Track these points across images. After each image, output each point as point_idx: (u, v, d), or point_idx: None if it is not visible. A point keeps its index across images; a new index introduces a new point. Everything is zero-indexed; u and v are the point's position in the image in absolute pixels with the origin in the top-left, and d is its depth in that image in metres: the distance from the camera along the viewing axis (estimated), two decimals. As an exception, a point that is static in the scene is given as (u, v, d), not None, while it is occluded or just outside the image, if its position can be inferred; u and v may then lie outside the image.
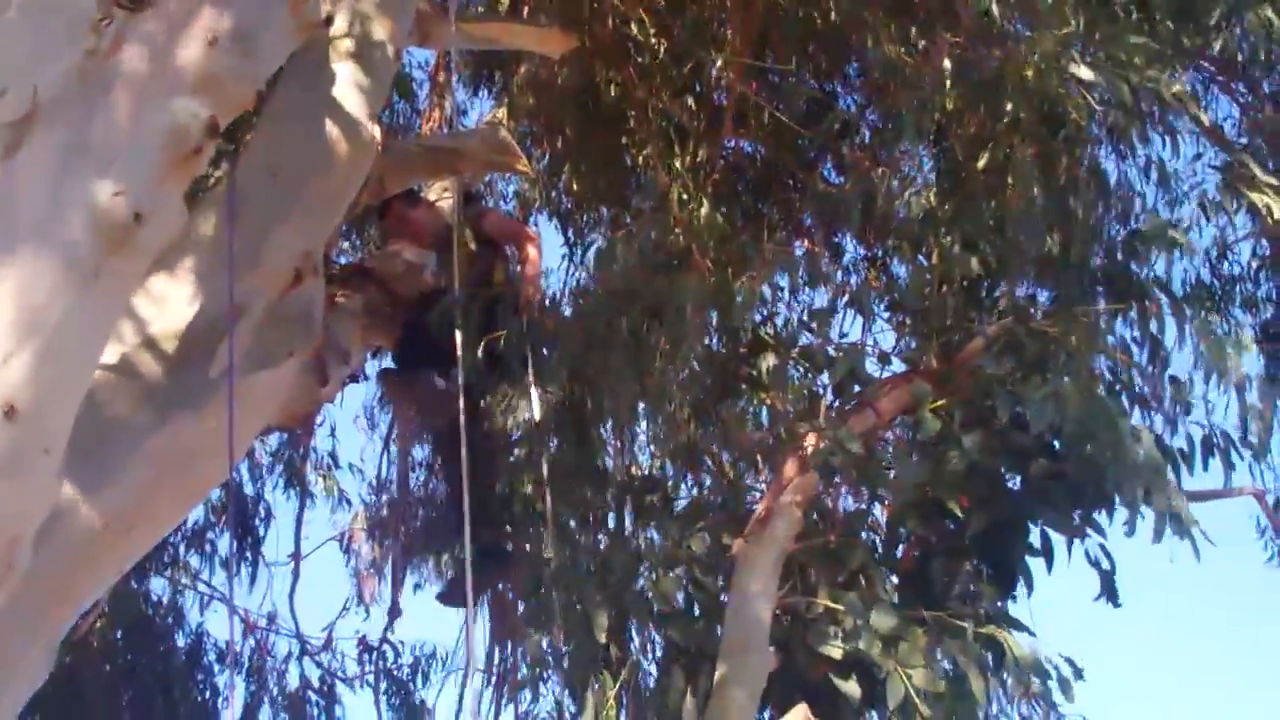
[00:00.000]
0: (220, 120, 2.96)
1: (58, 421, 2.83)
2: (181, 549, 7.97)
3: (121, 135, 2.81)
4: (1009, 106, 5.15)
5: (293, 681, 8.45)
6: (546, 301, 5.94)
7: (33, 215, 2.70)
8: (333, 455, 8.58)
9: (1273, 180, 5.34)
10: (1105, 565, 4.81)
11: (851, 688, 4.57)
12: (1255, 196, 5.29)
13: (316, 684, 8.46)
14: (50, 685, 3.48)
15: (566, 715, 5.34)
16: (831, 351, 5.15)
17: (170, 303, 3.77)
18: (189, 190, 3.03)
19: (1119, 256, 5.41)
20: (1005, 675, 4.73)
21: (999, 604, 4.96)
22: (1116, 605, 4.87)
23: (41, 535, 2.97)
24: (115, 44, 2.86)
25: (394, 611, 7.97)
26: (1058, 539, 4.87)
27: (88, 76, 2.81)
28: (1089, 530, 4.86)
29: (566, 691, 5.31)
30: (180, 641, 8.09)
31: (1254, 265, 7.04)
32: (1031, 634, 4.85)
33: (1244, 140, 6.59)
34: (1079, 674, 4.69)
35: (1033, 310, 5.27)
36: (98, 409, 3.46)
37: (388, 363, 6.15)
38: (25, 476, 2.70)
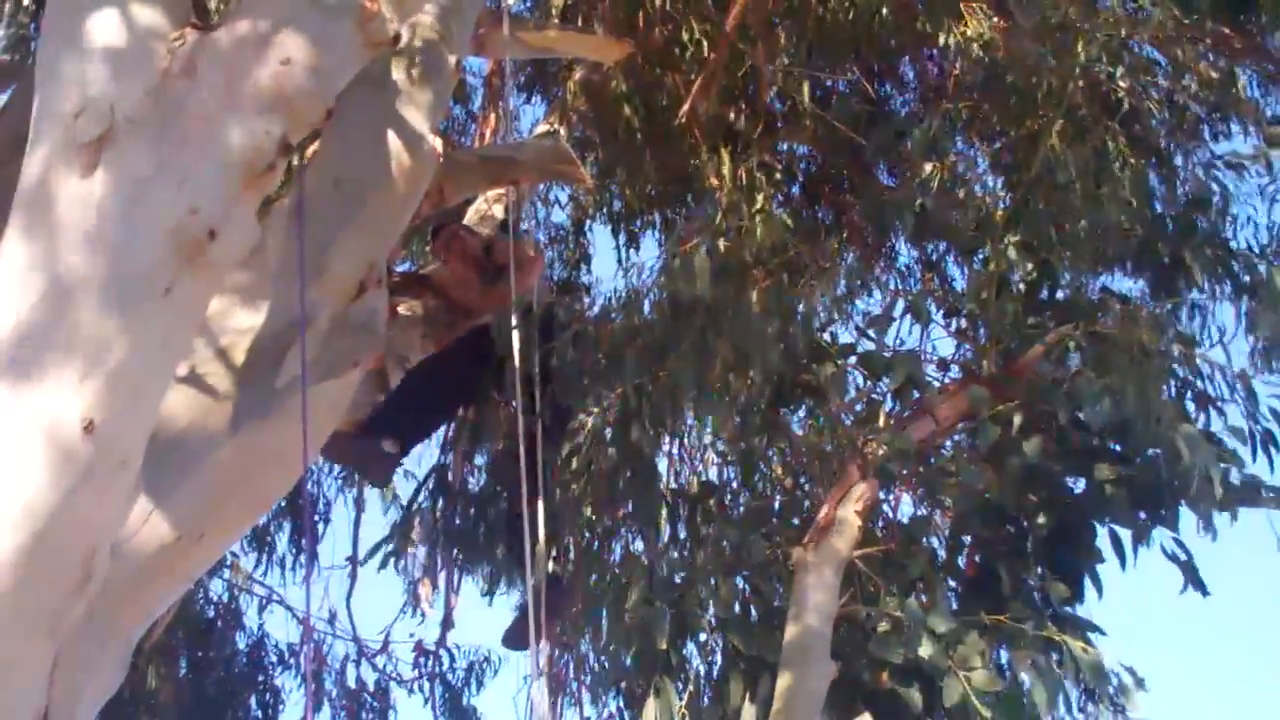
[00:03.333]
0: (292, 138, 3.00)
1: (134, 436, 2.88)
2: (241, 550, 8.04)
3: (195, 154, 2.85)
4: (1067, 96, 5.13)
5: (349, 684, 8.53)
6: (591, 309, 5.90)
7: (108, 233, 2.75)
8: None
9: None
10: (1183, 558, 4.78)
11: (913, 695, 4.57)
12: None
13: (372, 687, 8.54)
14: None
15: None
16: (890, 358, 5.14)
17: (237, 315, 3.82)
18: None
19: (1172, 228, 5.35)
20: (1065, 678, 4.71)
21: (1067, 608, 4.94)
22: (1205, 594, 4.84)
23: (116, 545, 3.03)
24: (189, 64, 2.91)
25: (447, 623, 8.00)
26: (1126, 535, 4.84)
27: (162, 96, 2.86)
28: (1159, 526, 4.83)
29: (623, 699, 5.33)
30: (241, 643, 8.16)
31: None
32: (1103, 633, 4.83)
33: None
34: (1140, 683, 4.67)
35: (1099, 314, 5.23)
36: (167, 421, 3.51)
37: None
38: (103, 489, 2.76)
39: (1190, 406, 5.14)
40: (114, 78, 2.81)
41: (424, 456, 8.76)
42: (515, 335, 4.82)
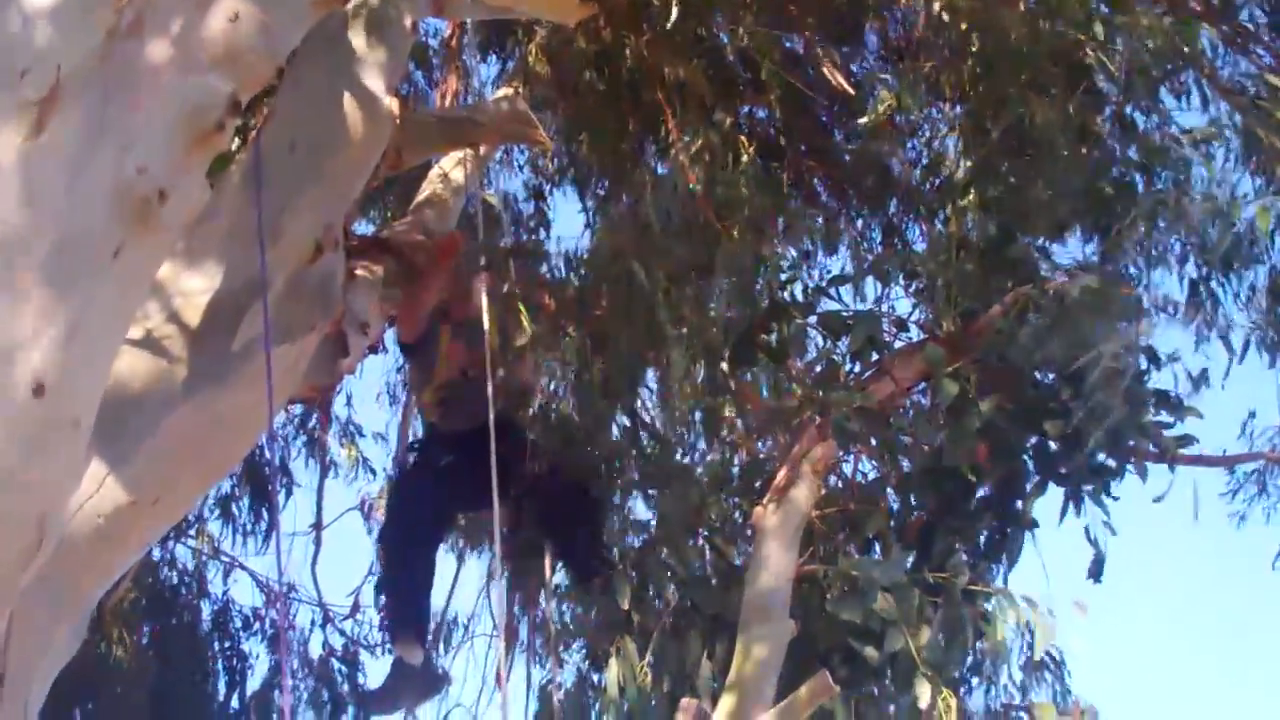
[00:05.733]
0: (241, 96, 2.98)
1: (85, 398, 2.85)
2: (206, 516, 8.00)
3: (143, 114, 2.82)
4: (1029, 63, 5.15)
5: (315, 650, 8.52)
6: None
7: (56, 194, 2.72)
8: (354, 424, 8.57)
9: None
10: (1101, 544, 4.89)
11: (870, 652, 4.60)
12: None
13: (341, 652, 8.53)
14: (79, 653, 3.53)
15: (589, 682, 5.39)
16: (849, 318, 5.15)
17: (191, 278, 3.80)
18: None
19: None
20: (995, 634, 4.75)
21: (996, 573, 5.05)
22: (1098, 582, 4.97)
23: (70, 510, 3.02)
24: (135, 23, 2.87)
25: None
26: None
27: (109, 56, 2.82)
28: (1091, 497, 4.92)
29: (588, 658, 5.35)
30: (205, 610, 8.14)
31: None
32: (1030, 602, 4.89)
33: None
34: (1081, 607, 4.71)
35: (1050, 273, 5.26)
36: (122, 385, 3.48)
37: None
38: (55, 452, 2.73)
39: (1142, 362, 5.18)
40: (59, 36, 2.76)
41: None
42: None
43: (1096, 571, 4.95)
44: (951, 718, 4.34)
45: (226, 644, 8.23)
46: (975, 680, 4.91)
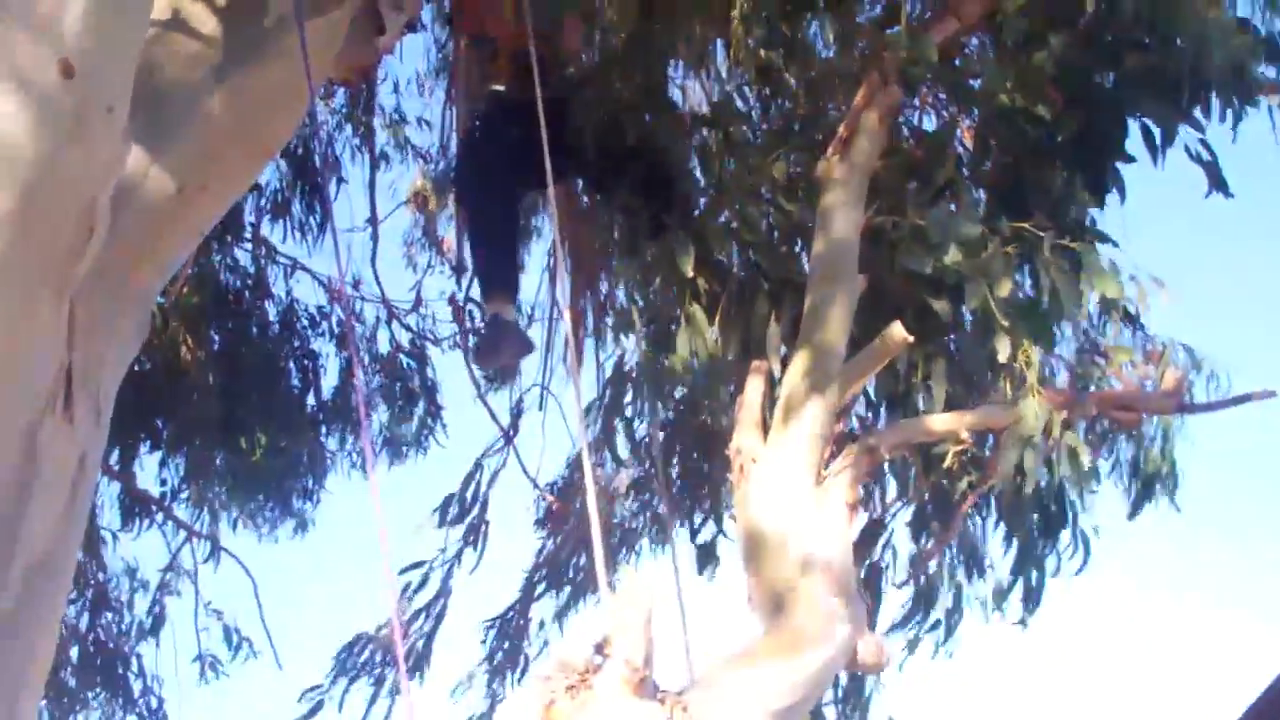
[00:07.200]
0: None
1: (117, 79, 2.75)
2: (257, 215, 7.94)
3: None
4: None
5: (382, 346, 8.61)
6: None
7: None
8: (399, 111, 8.37)
9: None
10: (1207, 158, 4.61)
11: (942, 305, 4.52)
12: None
13: (407, 347, 8.60)
14: (147, 358, 3.52)
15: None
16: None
17: (215, -50, 3.60)
18: None
19: None
20: (1083, 288, 4.63)
21: (1089, 216, 4.83)
22: (1229, 196, 4.69)
23: (118, 202, 2.94)
24: None
25: (460, 269, 7.89)
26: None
27: None
28: (1185, 124, 4.64)
29: (653, 332, 5.31)
30: (270, 312, 8.17)
31: None
32: (1115, 245, 4.73)
33: None
34: (1160, 284, 4.59)
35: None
36: (155, 70, 3.37)
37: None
38: (92, 137, 2.65)
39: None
40: None
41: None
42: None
43: (1218, 182, 4.63)
44: (1032, 372, 4.27)
45: (295, 344, 8.31)
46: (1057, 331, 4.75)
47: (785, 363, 4.38)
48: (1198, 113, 4.64)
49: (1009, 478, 4.28)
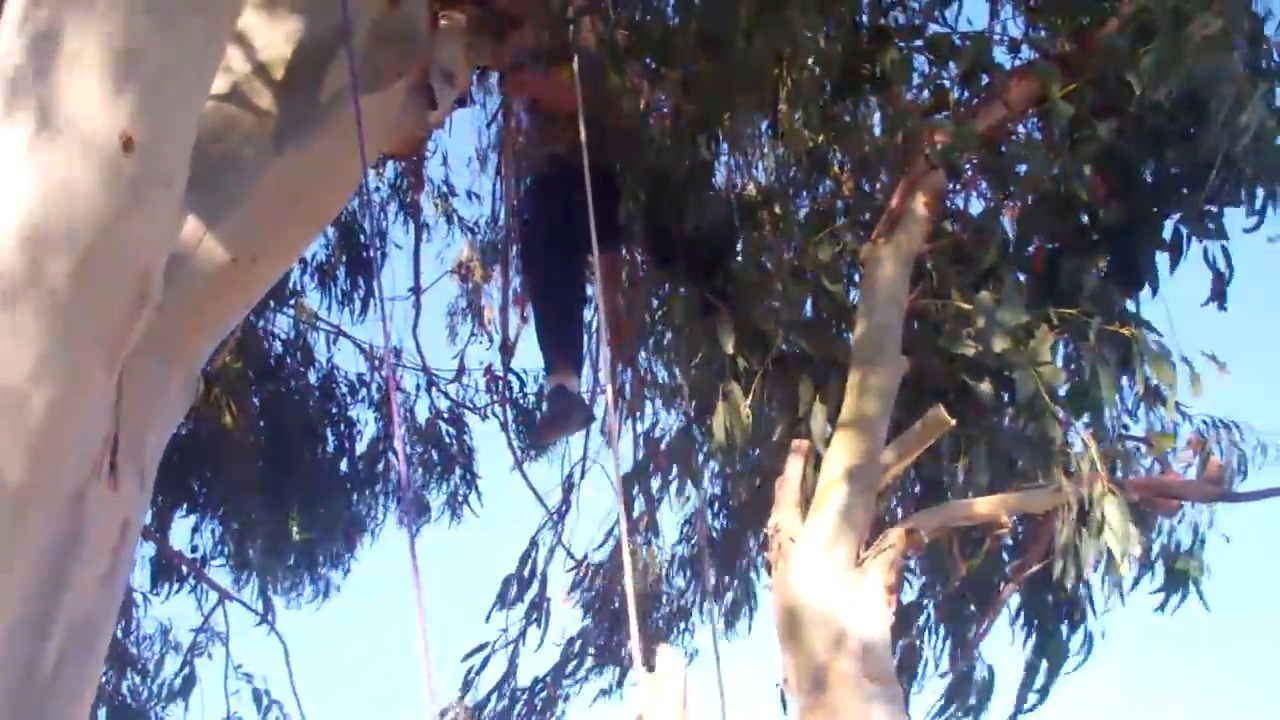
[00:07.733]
0: None
1: (175, 152, 2.78)
2: (301, 282, 8.00)
3: None
4: None
5: (421, 414, 8.62)
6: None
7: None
8: (447, 183, 8.44)
9: None
10: (1221, 268, 4.64)
11: (984, 388, 4.51)
12: None
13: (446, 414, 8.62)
14: (191, 423, 3.54)
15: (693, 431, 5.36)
16: (957, 41, 4.88)
17: (272, 28, 3.67)
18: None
19: None
20: (1134, 371, 4.63)
21: (1127, 303, 4.84)
22: (1223, 308, 4.74)
23: (171, 271, 2.97)
24: None
25: (506, 345, 7.93)
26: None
27: None
28: (1214, 226, 4.67)
29: (694, 406, 5.31)
30: (311, 378, 8.22)
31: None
32: (1158, 333, 4.73)
33: None
34: (1218, 363, 4.58)
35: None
36: (212, 142, 3.41)
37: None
38: (149, 209, 2.68)
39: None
40: None
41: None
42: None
43: (1219, 294, 4.69)
44: (1090, 455, 4.23)
45: (334, 410, 8.34)
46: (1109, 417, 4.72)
47: (826, 442, 4.37)
48: (1230, 206, 4.68)
49: (1059, 557, 4.25)
